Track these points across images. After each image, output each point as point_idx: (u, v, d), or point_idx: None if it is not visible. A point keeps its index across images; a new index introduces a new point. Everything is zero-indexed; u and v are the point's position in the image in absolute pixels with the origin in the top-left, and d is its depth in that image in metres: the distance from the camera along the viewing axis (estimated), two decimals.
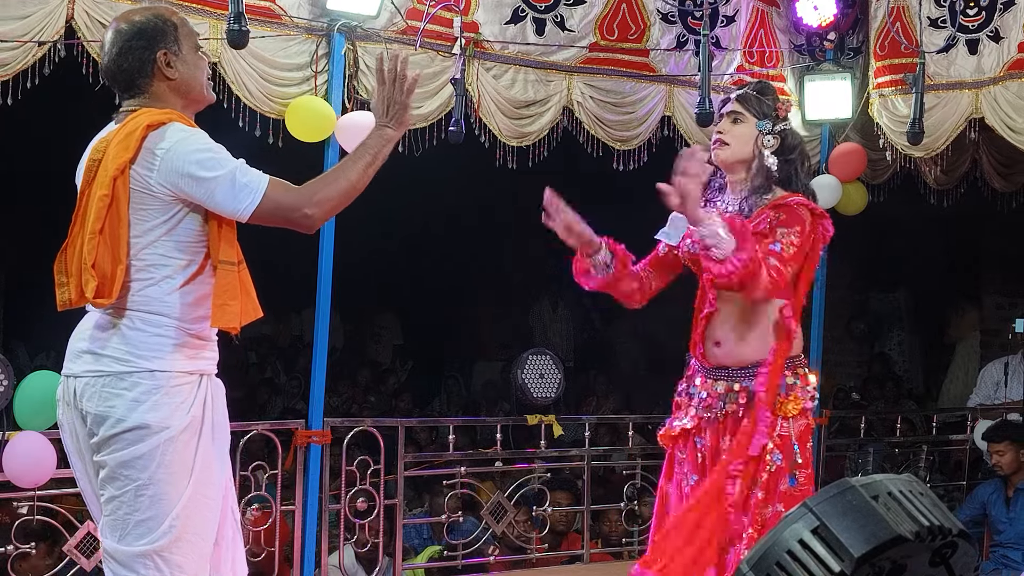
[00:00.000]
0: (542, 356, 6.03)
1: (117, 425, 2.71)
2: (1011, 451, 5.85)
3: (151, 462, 2.71)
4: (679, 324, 3.71)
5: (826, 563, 1.86)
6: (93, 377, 2.76)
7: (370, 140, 2.91)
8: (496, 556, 5.60)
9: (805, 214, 3.37)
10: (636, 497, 6.06)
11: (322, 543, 5.10)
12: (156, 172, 2.72)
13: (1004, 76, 5.49)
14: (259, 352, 10.26)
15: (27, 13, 4.31)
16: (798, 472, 3.34)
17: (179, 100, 2.88)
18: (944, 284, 9.81)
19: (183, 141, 2.73)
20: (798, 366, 3.42)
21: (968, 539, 1.98)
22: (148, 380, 2.73)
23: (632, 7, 5.69)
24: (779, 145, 3.48)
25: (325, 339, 5.08)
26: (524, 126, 5.50)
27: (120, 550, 2.73)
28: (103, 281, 2.73)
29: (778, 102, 3.54)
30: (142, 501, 2.71)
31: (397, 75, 2.89)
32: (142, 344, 2.75)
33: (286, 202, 2.77)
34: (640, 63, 5.76)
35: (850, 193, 6.17)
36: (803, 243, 3.34)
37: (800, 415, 3.37)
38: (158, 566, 2.72)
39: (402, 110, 2.91)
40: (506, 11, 5.38)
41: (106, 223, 2.73)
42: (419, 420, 7.39)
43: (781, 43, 6.08)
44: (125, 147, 2.72)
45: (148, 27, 2.85)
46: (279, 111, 4.89)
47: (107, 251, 2.74)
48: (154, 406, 2.72)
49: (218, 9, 4.68)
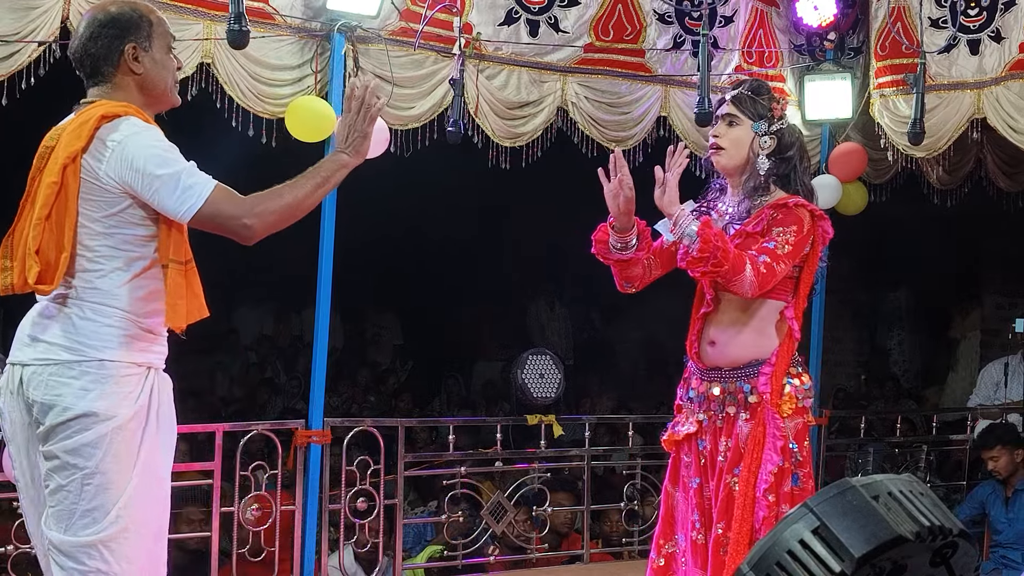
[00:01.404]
0: (542, 356, 6.03)
1: (64, 413, 2.70)
2: (1005, 454, 5.85)
3: (98, 450, 2.69)
4: (679, 324, 3.71)
5: (826, 563, 1.86)
6: (40, 366, 2.74)
7: (325, 163, 2.88)
8: (496, 556, 5.60)
9: (803, 214, 3.36)
10: (636, 497, 6.06)
11: (322, 543, 5.10)
12: (105, 163, 2.71)
13: (1006, 76, 5.48)
14: (259, 352, 10.27)
15: (23, 13, 4.32)
16: (799, 471, 3.34)
17: (141, 96, 2.87)
18: (944, 284, 9.81)
19: (136, 135, 2.72)
20: (793, 365, 3.41)
21: (968, 539, 1.98)
22: (97, 369, 2.72)
23: (628, 8, 5.69)
24: (775, 145, 3.46)
25: (325, 339, 5.08)
26: (517, 127, 5.50)
27: (65, 541, 2.71)
28: (46, 268, 2.73)
29: (773, 101, 3.51)
30: (88, 490, 2.69)
31: (364, 103, 2.87)
32: (92, 334, 2.74)
33: (227, 210, 2.73)
34: (636, 63, 5.77)
35: (850, 193, 6.17)
36: (800, 242, 3.34)
37: (795, 413, 3.37)
38: (104, 557, 2.70)
39: (361, 139, 2.88)
40: (500, 12, 5.39)
41: (53, 210, 2.73)
42: (419, 420, 7.39)
43: (781, 43, 6.08)
44: (78, 136, 2.73)
45: (122, 18, 2.86)
46: (272, 112, 4.90)
47: (52, 238, 2.73)
48: (102, 395, 2.71)
49: (212, 10, 4.68)
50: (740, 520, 3.28)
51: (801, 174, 3.50)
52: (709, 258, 3.18)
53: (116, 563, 2.71)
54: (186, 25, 4.58)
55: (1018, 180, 6.41)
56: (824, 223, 3.42)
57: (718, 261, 3.19)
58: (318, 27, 4.97)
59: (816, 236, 3.40)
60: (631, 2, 5.69)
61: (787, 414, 3.34)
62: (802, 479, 3.34)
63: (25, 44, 4.30)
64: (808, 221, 3.37)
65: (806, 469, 3.36)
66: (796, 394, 3.37)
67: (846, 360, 10.30)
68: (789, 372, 3.38)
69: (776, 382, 3.34)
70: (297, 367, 9.87)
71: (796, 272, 3.41)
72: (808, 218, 3.37)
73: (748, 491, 3.29)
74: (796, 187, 3.46)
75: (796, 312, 3.41)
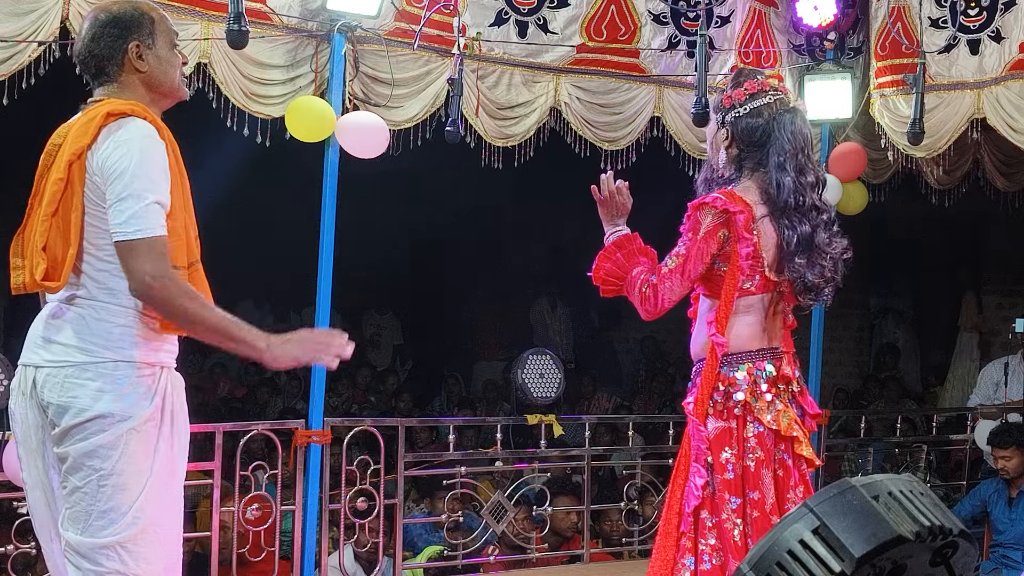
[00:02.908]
0: (542, 356, 6.03)
1: (80, 415, 2.69)
2: (1018, 456, 5.82)
3: (114, 452, 2.68)
4: (680, 325, 3.71)
5: (826, 563, 1.86)
6: (55, 367, 2.73)
7: (250, 330, 2.75)
8: (496, 556, 5.60)
9: (701, 216, 3.21)
10: (636, 497, 6.06)
11: (322, 543, 5.10)
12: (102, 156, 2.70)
13: (1006, 76, 5.48)
14: None
15: (23, 13, 4.33)
16: (715, 477, 3.20)
17: (148, 94, 2.87)
18: (944, 284, 9.81)
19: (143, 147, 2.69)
20: (726, 365, 3.24)
21: (969, 539, 1.98)
22: (112, 371, 2.71)
23: (621, 8, 5.69)
24: (730, 136, 3.32)
25: None
26: (508, 127, 5.51)
27: (83, 542, 2.70)
28: (52, 264, 2.72)
29: (731, 89, 3.35)
30: (104, 491, 2.68)
31: (326, 349, 2.82)
32: (106, 335, 2.73)
33: (149, 258, 2.65)
34: (630, 64, 5.77)
35: (850, 193, 6.17)
36: (695, 248, 3.20)
37: (716, 416, 3.23)
38: (122, 558, 2.69)
39: (292, 356, 2.79)
40: (490, 13, 5.39)
41: (59, 207, 2.72)
42: (419, 420, 7.39)
43: (779, 43, 6.08)
44: (84, 133, 2.72)
45: (124, 17, 2.86)
46: (267, 113, 4.90)
47: (59, 234, 2.73)
48: (118, 396, 2.70)
49: (210, 10, 4.68)
50: (662, 533, 3.28)
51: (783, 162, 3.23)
52: (601, 284, 3.27)
53: (135, 564, 2.71)
54: (184, 25, 4.57)
55: (1015, 180, 6.40)
56: (737, 215, 3.18)
57: (615, 287, 3.26)
58: (315, 27, 4.97)
59: (732, 231, 3.20)
60: (624, 3, 5.70)
61: (702, 415, 3.24)
62: (717, 486, 3.19)
63: (25, 44, 4.30)
64: (708, 221, 3.19)
65: (721, 476, 3.19)
66: (717, 396, 3.23)
67: (846, 360, 10.30)
68: (719, 374, 3.23)
69: (702, 386, 3.25)
70: (297, 367, 9.85)
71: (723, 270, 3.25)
72: (708, 218, 3.20)
73: (672, 501, 3.27)
74: (770, 179, 3.24)
75: (717, 314, 3.23)
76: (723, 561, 3.17)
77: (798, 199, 3.23)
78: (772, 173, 3.24)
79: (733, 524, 3.17)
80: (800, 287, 3.28)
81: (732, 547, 3.15)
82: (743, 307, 3.27)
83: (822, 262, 3.26)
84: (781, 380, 3.29)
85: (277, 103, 4.93)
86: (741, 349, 3.26)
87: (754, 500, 3.18)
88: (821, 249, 3.26)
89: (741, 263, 3.20)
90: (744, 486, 3.20)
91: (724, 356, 3.24)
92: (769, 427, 3.21)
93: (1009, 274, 9.28)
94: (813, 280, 3.26)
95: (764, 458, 3.21)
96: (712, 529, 3.19)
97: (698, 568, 3.19)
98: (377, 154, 5.07)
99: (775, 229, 3.24)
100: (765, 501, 3.19)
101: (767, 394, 3.24)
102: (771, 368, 3.27)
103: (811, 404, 3.40)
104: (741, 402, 3.21)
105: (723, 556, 3.17)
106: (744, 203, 3.21)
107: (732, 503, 3.18)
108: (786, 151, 3.25)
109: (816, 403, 3.49)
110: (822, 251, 3.26)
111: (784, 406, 3.27)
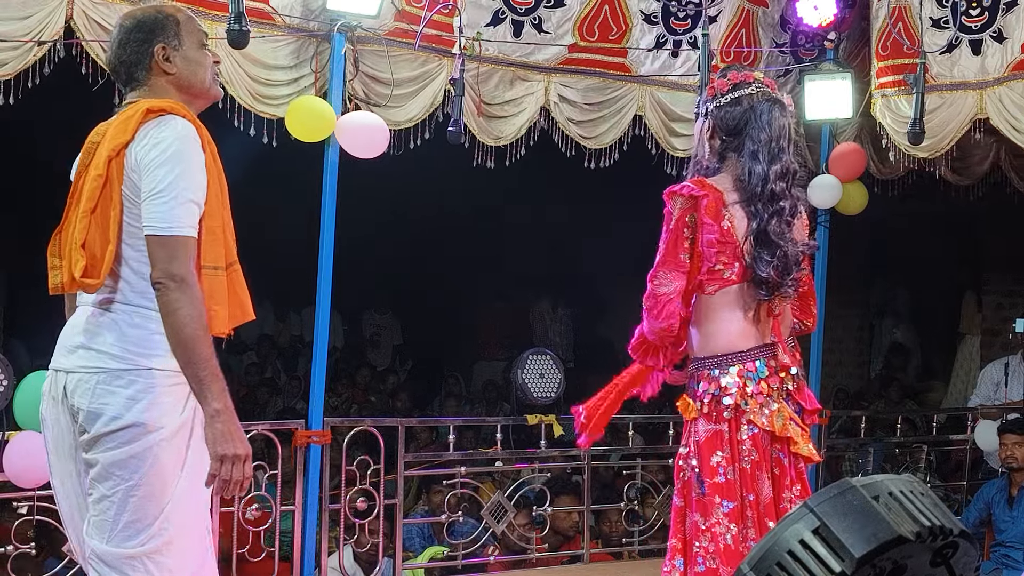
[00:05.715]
0: (542, 356, 6.03)
1: (111, 423, 2.66)
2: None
3: (144, 462, 2.65)
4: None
5: (827, 563, 1.86)
6: (87, 373, 2.70)
7: (219, 385, 2.62)
8: (496, 556, 5.60)
9: (672, 206, 3.18)
10: (637, 498, 6.06)
11: (322, 543, 5.10)
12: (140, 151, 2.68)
13: (1008, 76, 5.47)
14: (259, 352, 10.27)
15: (27, 14, 4.34)
16: (705, 480, 3.16)
17: (179, 95, 2.85)
18: (945, 284, 9.81)
19: (182, 147, 2.67)
20: (703, 368, 3.22)
21: (969, 539, 1.98)
22: (145, 378, 2.68)
23: (614, 8, 5.71)
24: (712, 127, 3.29)
25: (325, 339, 5.08)
26: (499, 126, 5.51)
27: (108, 551, 2.67)
28: (92, 262, 2.69)
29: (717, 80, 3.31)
30: (132, 502, 2.65)
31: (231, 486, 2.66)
32: (142, 341, 2.69)
33: (176, 256, 2.63)
34: (617, 63, 5.79)
35: (850, 193, 6.16)
36: (668, 239, 3.17)
37: (706, 419, 3.19)
38: (148, 569, 2.66)
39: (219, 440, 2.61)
40: (487, 13, 5.40)
41: (99, 203, 2.70)
42: (419, 420, 7.39)
43: (763, 43, 6.08)
44: (123, 130, 2.71)
45: (148, 20, 2.86)
46: (270, 112, 4.91)
47: (98, 231, 2.70)
48: (150, 405, 2.67)
49: (213, 10, 4.68)
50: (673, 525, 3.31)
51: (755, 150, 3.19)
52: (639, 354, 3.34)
53: (160, 575, 2.68)
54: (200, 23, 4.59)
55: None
56: (702, 199, 3.13)
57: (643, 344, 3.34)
58: (317, 27, 4.97)
59: (698, 214, 3.14)
60: (618, 3, 5.71)
61: (690, 417, 3.23)
62: (707, 490, 3.15)
63: (29, 44, 4.31)
64: (677, 208, 3.16)
65: (711, 480, 3.14)
66: (696, 396, 3.22)
67: (846, 360, 10.30)
68: (696, 374, 3.22)
69: (689, 387, 3.26)
70: (297, 367, 9.87)
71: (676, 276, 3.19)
72: (677, 205, 3.16)
73: None
74: (742, 166, 3.20)
75: (694, 305, 3.21)
76: (716, 565, 3.13)
77: (765, 187, 3.17)
78: (745, 161, 3.20)
79: (725, 528, 3.12)
80: (756, 278, 3.18)
81: (722, 551, 3.11)
82: (724, 301, 3.19)
83: (767, 256, 3.15)
84: (781, 370, 3.23)
85: (282, 103, 4.94)
86: (731, 349, 3.20)
87: (751, 502, 3.16)
88: (772, 241, 3.16)
89: (704, 248, 3.15)
90: (741, 489, 3.16)
91: (713, 358, 3.20)
92: (764, 429, 3.17)
93: (1009, 274, 9.28)
94: (761, 274, 3.16)
95: (760, 460, 3.17)
96: (705, 532, 3.16)
97: (691, 570, 3.18)
98: (377, 154, 5.07)
99: (748, 216, 3.18)
100: (760, 503, 3.17)
101: (759, 395, 3.18)
102: (763, 367, 3.20)
103: (809, 399, 3.33)
104: (731, 406, 3.17)
105: (716, 560, 3.13)
106: (713, 189, 3.17)
107: (724, 507, 3.13)
108: (760, 139, 3.20)
109: (816, 397, 3.43)
110: (773, 243, 3.16)
111: (779, 404, 3.20)
